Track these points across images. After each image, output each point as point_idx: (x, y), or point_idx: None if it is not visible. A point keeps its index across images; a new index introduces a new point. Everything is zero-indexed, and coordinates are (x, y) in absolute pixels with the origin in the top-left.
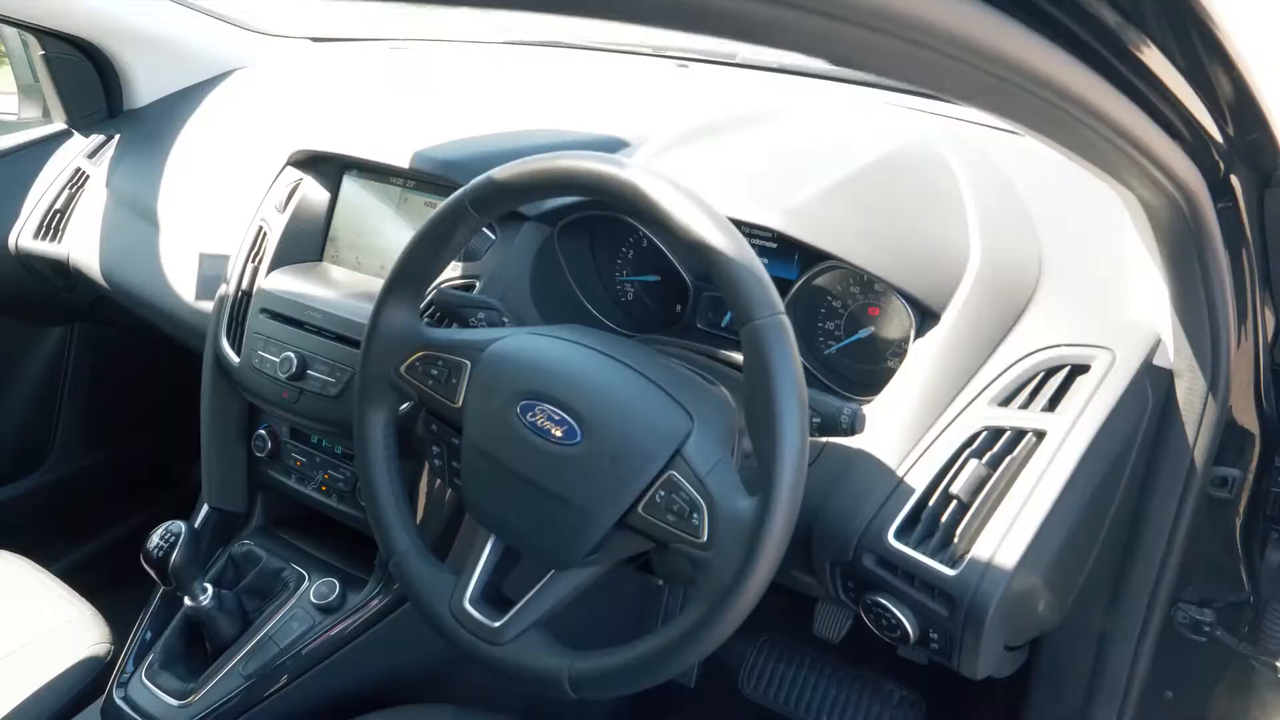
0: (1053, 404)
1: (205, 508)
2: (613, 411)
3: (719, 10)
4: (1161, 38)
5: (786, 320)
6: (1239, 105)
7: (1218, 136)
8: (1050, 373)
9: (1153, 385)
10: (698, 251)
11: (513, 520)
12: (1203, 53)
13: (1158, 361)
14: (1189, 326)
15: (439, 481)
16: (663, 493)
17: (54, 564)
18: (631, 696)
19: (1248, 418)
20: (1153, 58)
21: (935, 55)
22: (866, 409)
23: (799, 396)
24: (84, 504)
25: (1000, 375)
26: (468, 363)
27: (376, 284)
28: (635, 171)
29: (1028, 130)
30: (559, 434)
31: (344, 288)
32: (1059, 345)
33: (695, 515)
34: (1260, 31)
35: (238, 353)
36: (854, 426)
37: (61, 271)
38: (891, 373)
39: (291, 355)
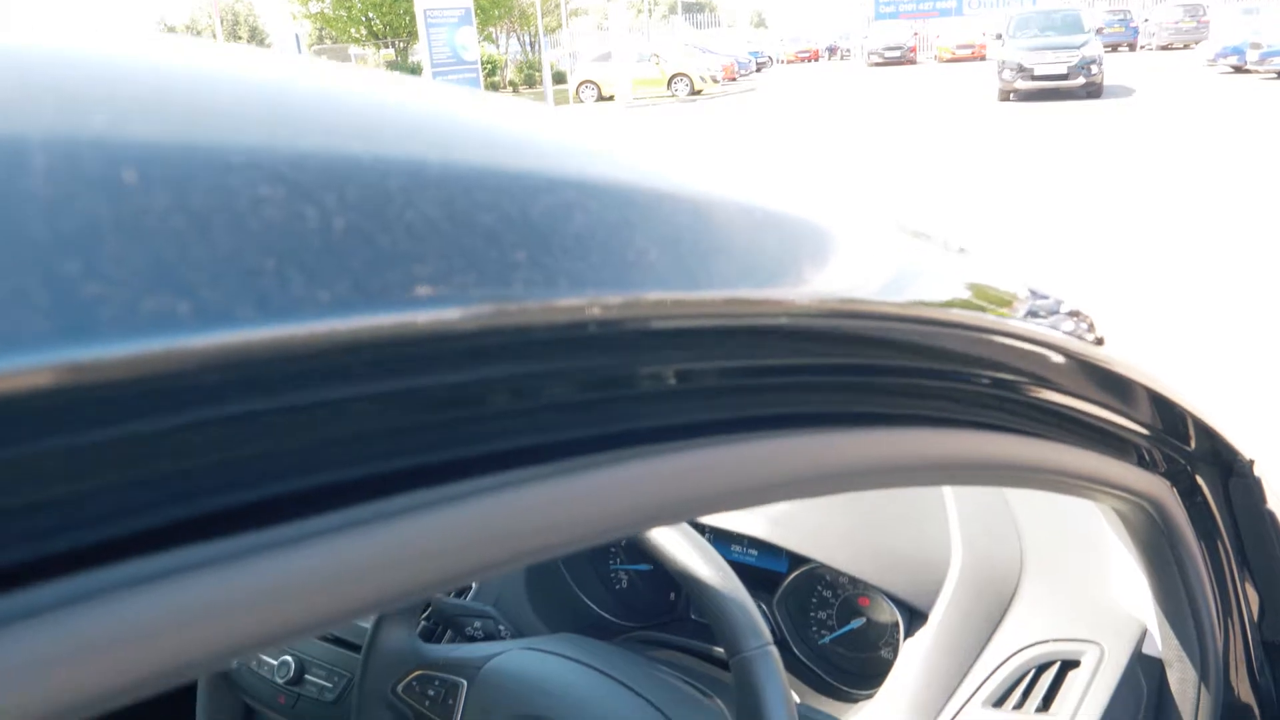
0: (1046, 703)
1: None
2: None
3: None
4: (1083, 392)
5: (774, 651)
6: (1189, 425)
7: (1178, 454)
8: (1041, 669)
9: (1145, 675)
10: (686, 584)
11: None
12: (1130, 396)
13: (1147, 650)
14: (1172, 618)
15: None
16: None
17: None
18: None
19: (1246, 696)
20: (1087, 407)
21: (883, 477)
22: (862, 715)
23: None
24: None
25: (992, 674)
26: (464, 682)
27: None
28: None
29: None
30: None
31: None
32: (1047, 641)
33: None
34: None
35: None
36: None
37: None
38: (885, 662)
39: (289, 659)
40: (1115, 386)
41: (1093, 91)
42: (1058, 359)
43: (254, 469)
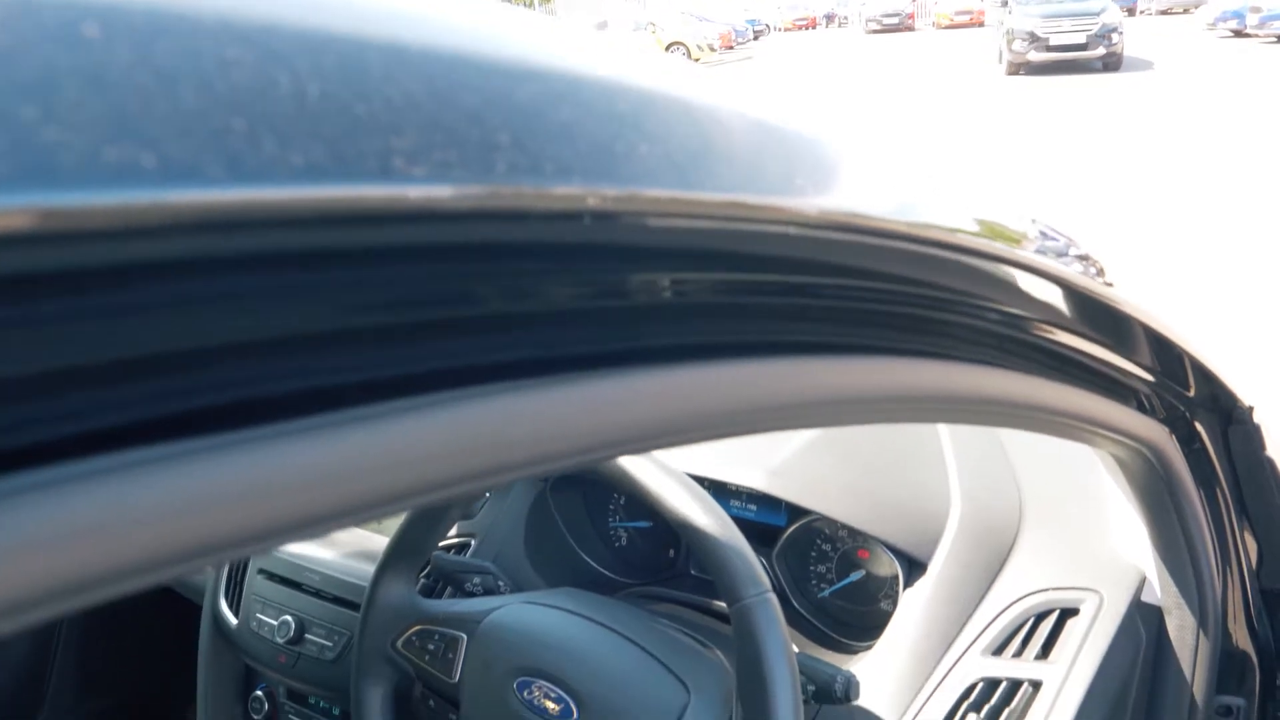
0: (1046, 650)
1: None
2: (609, 687)
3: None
4: (1087, 331)
5: (773, 598)
6: (1185, 369)
7: (1177, 398)
8: (1040, 618)
9: (1144, 622)
10: (684, 532)
11: None
12: (1132, 335)
13: (1145, 598)
14: (1171, 565)
15: None
16: None
17: None
18: None
19: (1244, 643)
20: (1088, 346)
21: (878, 413)
22: (861, 664)
23: (790, 675)
24: None
25: (991, 623)
26: (464, 636)
27: (374, 541)
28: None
29: (985, 426)
30: (555, 711)
31: (342, 546)
32: (1046, 589)
33: None
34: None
35: (236, 614)
36: (848, 695)
37: None
38: (885, 614)
39: (289, 619)
40: (1120, 327)
41: (1111, 63)
42: (1065, 294)
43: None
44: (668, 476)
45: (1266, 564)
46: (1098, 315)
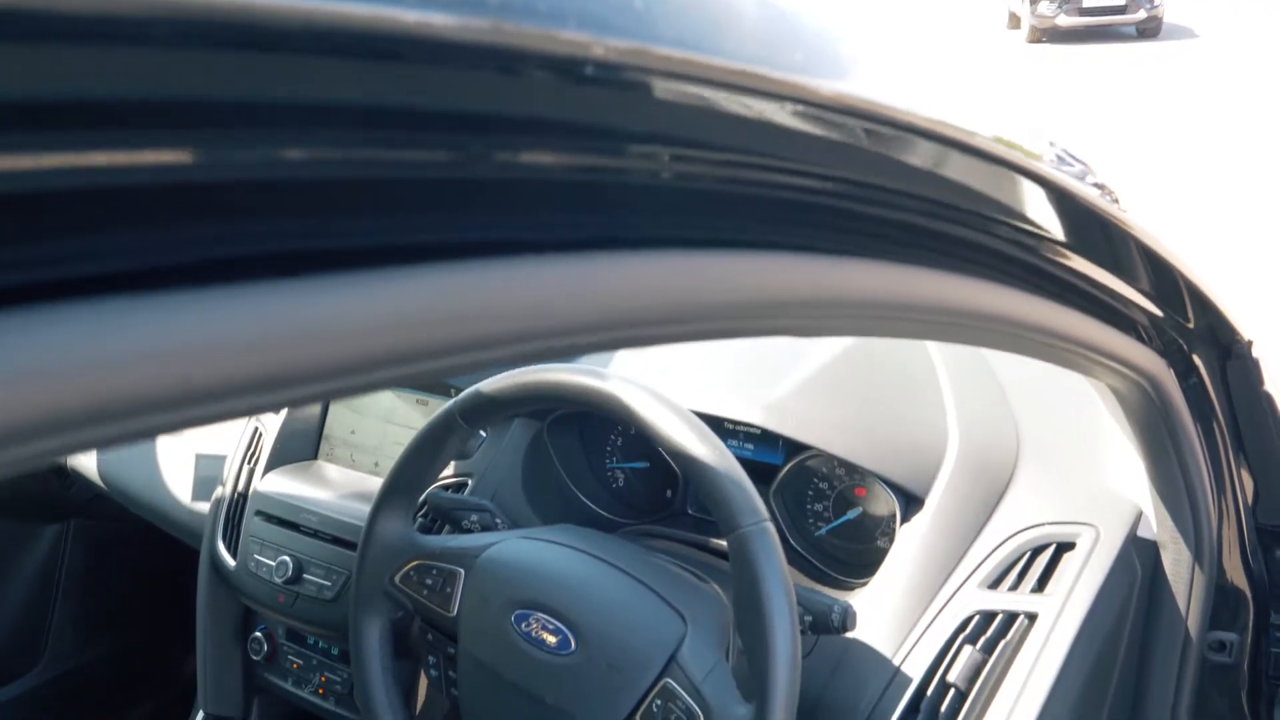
0: (1041, 584)
1: (201, 714)
2: (606, 618)
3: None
4: (1092, 252)
5: (771, 527)
6: (1186, 298)
7: (1175, 328)
8: (1037, 552)
9: (1139, 557)
10: (681, 461)
11: None
12: (1137, 260)
13: (1142, 533)
14: (1168, 499)
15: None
16: (659, 702)
17: None
18: None
19: (1239, 579)
20: (1091, 270)
21: (879, 321)
22: (858, 597)
23: (788, 603)
24: (79, 703)
25: (988, 557)
26: (461, 571)
27: (371, 482)
28: (617, 384)
29: (992, 349)
30: (553, 643)
31: (339, 487)
32: (1043, 524)
33: None
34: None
35: (234, 556)
36: (845, 625)
37: (59, 471)
38: (882, 552)
39: (287, 559)
40: (1126, 250)
41: (1150, 29)
42: (1075, 211)
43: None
44: (665, 407)
45: (1262, 500)
46: (1105, 236)
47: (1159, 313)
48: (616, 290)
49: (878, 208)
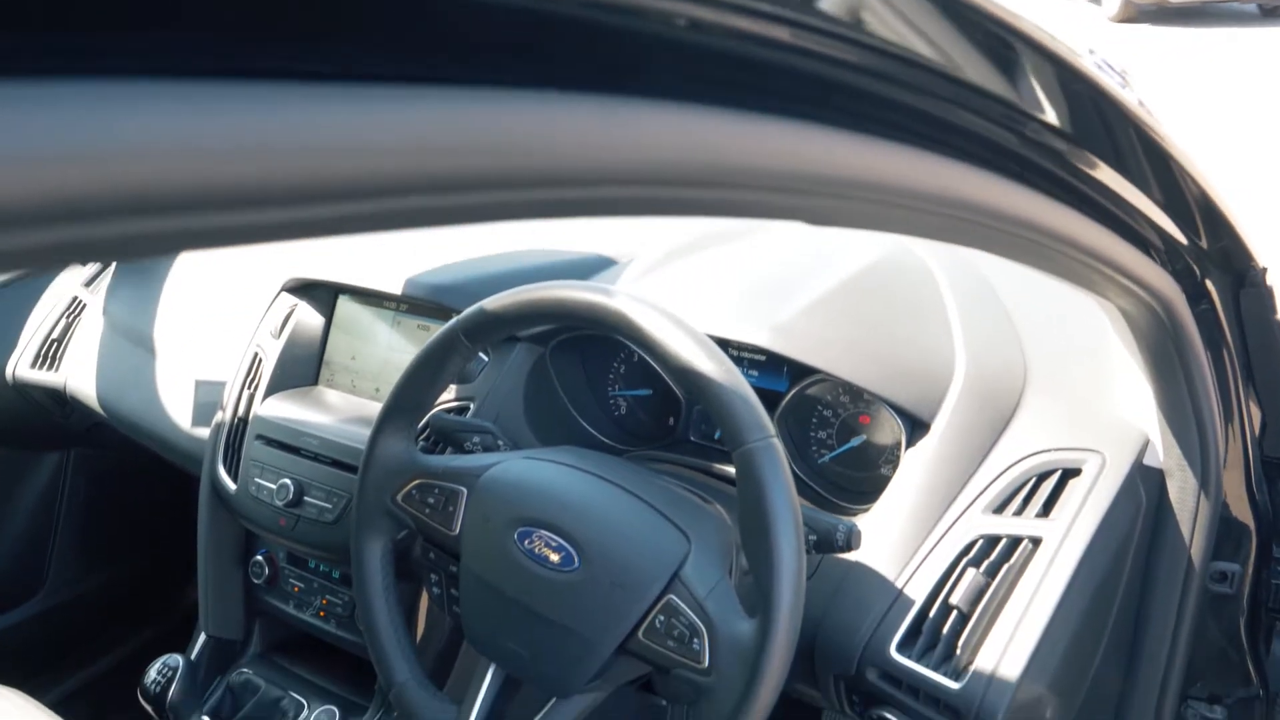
0: (1046, 509)
1: (202, 636)
2: (609, 536)
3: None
4: (1119, 160)
5: (778, 443)
6: (1205, 217)
7: (1189, 247)
8: (1042, 478)
9: (1145, 485)
10: (687, 377)
11: (513, 649)
12: (1163, 172)
13: (1148, 461)
14: (1175, 427)
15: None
16: (662, 617)
17: (48, 693)
18: None
19: (1243, 511)
20: (1114, 180)
21: (899, 210)
22: (862, 521)
23: (794, 518)
24: (79, 631)
25: (993, 482)
26: (464, 490)
27: (372, 407)
28: (624, 300)
29: (1003, 257)
30: (556, 560)
31: (339, 412)
32: (1049, 450)
33: (696, 640)
34: (1211, 147)
35: (234, 480)
36: (850, 543)
37: (59, 400)
38: (885, 480)
39: (288, 482)
40: (1156, 161)
41: (1272, 8)
42: (1109, 113)
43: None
44: (672, 323)
45: (1270, 432)
46: (1138, 144)
47: (1177, 232)
48: (643, 139)
49: (910, 91)
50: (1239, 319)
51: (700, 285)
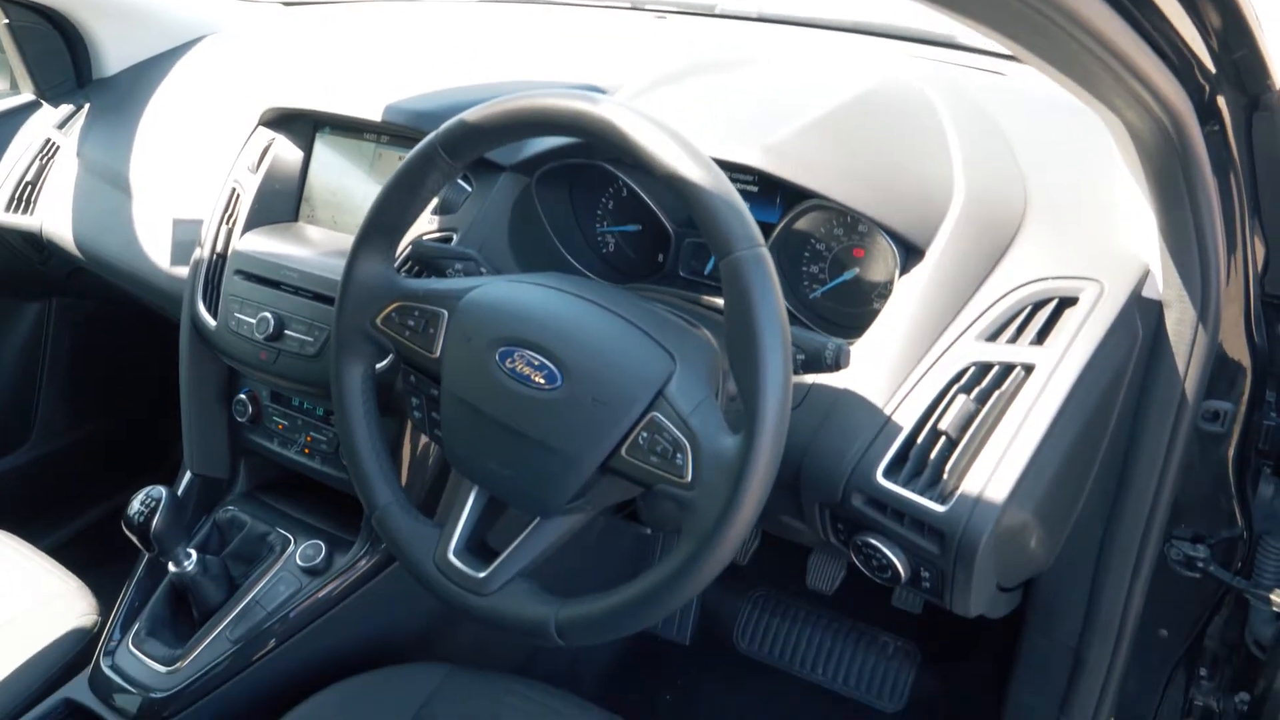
0: (1040, 337)
1: (188, 475)
2: (593, 355)
3: None
4: None
5: (767, 253)
6: (1225, 20)
7: (1204, 54)
8: (1038, 306)
9: (1142, 317)
10: (675, 186)
11: (495, 469)
12: None
13: (1146, 293)
14: (1177, 254)
15: (422, 439)
16: (645, 434)
17: (41, 540)
18: (627, 654)
19: (1238, 350)
20: None
21: None
22: (853, 347)
23: (781, 329)
24: (69, 479)
25: (987, 310)
26: (445, 312)
27: (349, 241)
28: (610, 107)
29: (1013, 42)
30: (539, 379)
31: (319, 246)
32: (1046, 278)
33: (679, 455)
34: None
35: (214, 316)
36: (839, 361)
37: (35, 244)
38: (877, 314)
39: (268, 315)
40: None
41: None
42: None
43: None
44: (659, 130)
45: (1273, 267)
46: None
47: (1195, 33)
48: None
49: None
50: (1249, 145)
51: (692, 108)
